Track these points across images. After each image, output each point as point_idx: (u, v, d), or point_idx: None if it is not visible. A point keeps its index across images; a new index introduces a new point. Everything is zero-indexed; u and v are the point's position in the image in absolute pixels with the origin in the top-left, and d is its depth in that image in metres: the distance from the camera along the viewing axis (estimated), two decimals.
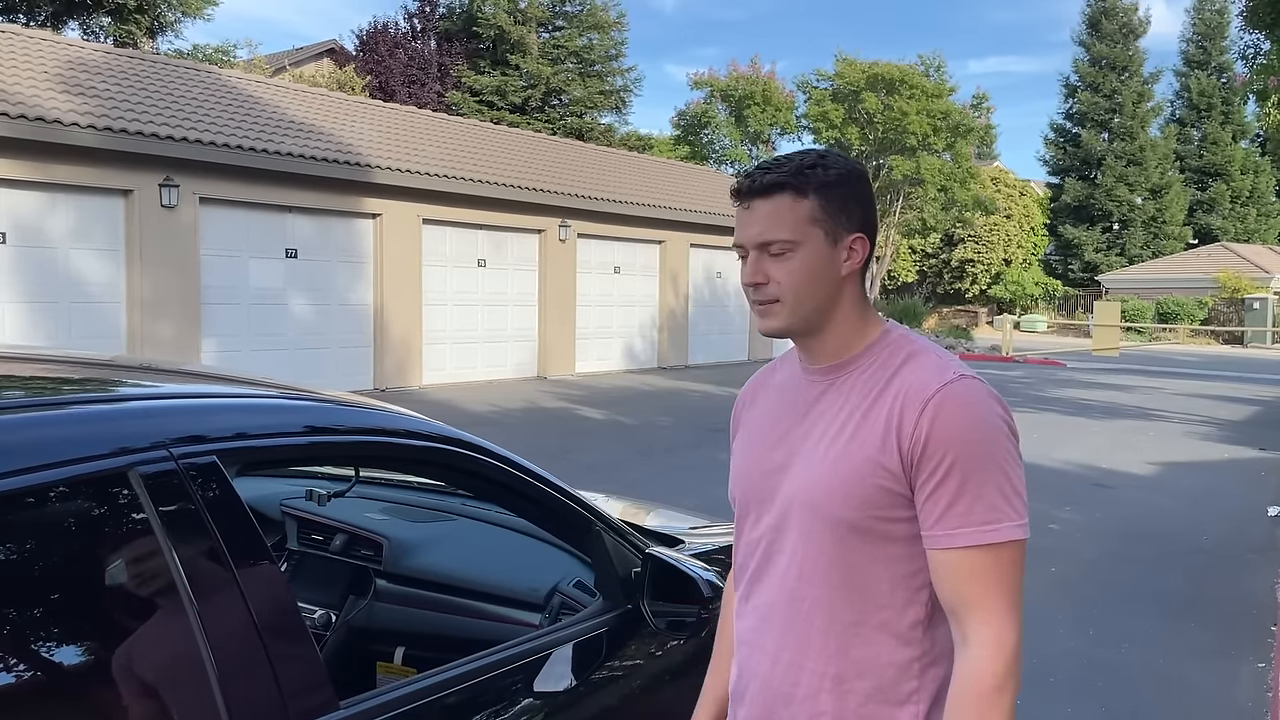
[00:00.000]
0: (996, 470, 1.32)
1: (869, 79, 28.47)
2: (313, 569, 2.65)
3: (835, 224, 1.40)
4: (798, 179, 1.39)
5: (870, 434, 1.37)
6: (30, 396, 1.57)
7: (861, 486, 1.36)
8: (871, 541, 1.37)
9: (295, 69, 29.34)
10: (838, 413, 1.42)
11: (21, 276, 11.07)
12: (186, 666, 1.34)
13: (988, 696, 1.28)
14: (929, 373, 1.37)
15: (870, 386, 1.41)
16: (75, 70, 12.81)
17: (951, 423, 1.32)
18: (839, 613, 1.40)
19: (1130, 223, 42.11)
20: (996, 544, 1.30)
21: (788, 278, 1.40)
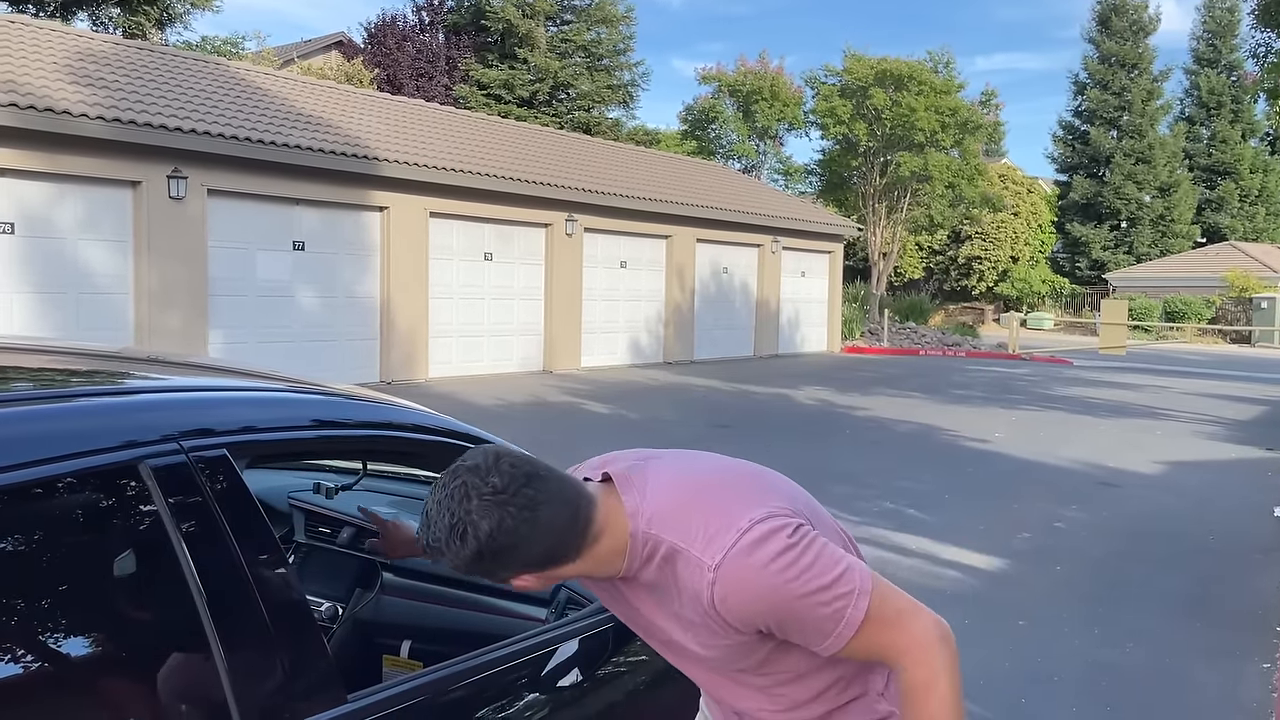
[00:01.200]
0: (805, 601, 1.38)
1: (877, 75, 28.38)
2: (320, 562, 2.66)
3: (490, 576, 1.41)
4: (447, 559, 1.38)
5: (705, 632, 1.46)
6: (41, 389, 1.57)
7: (741, 652, 1.49)
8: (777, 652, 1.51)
9: (303, 61, 29.36)
10: (660, 605, 1.51)
11: (30, 267, 11.10)
12: (195, 658, 1.34)
13: (929, 693, 1.41)
14: (692, 581, 1.41)
15: (664, 591, 1.47)
16: (84, 61, 12.83)
17: (743, 610, 1.39)
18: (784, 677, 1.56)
19: (1138, 221, 41.98)
20: (857, 629, 1.41)
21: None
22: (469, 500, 1.33)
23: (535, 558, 1.37)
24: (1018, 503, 7.79)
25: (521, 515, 1.33)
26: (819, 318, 24.32)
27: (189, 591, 1.35)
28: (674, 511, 1.43)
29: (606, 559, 1.44)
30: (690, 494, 1.45)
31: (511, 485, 1.34)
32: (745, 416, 12.49)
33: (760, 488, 1.48)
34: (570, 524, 1.38)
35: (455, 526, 1.33)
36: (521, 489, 1.34)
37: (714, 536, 1.39)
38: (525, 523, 1.33)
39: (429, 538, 1.37)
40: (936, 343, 26.77)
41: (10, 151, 10.65)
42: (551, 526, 1.36)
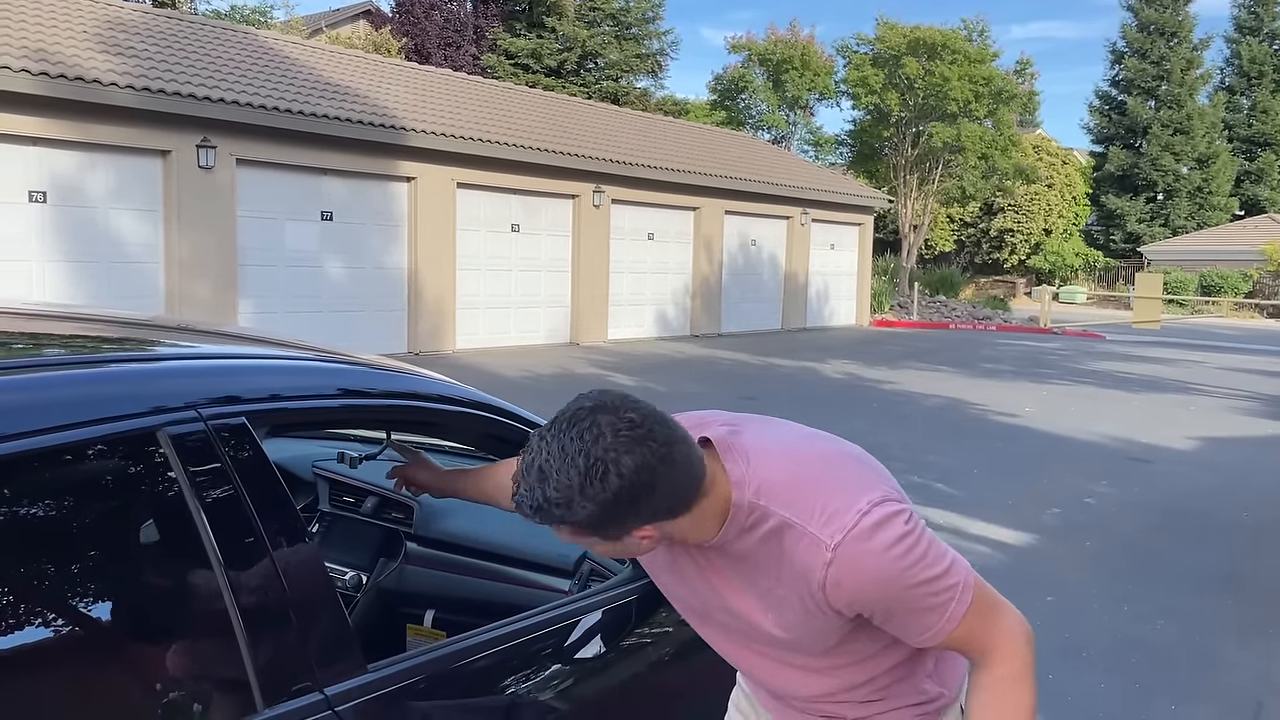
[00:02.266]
0: (916, 591, 1.36)
1: (910, 43, 27.96)
2: (344, 531, 2.66)
3: (607, 533, 1.30)
4: (545, 516, 1.28)
5: (794, 611, 1.42)
6: (62, 355, 1.57)
7: (824, 635, 1.45)
8: (852, 638, 1.49)
9: (332, 30, 29.33)
10: (747, 580, 1.45)
11: (62, 235, 11.21)
12: (213, 626, 1.34)
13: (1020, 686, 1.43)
14: (808, 556, 1.36)
15: (760, 564, 1.42)
16: (114, 30, 12.87)
17: (855, 594, 1.36)
18: (845, 663, 1.54)
19: (1175, 193, 41.25)
20: (959, 621, 1.40)
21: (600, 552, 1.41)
22: (605, 437, 1.23)
23: (664, 504, 1.28)
24: (1047, 478, 7.72)
25: (660, 452, 1.25)
26: (848, 291, 24.14)
27: (207, 559, 1.34)
28: (785, 485, 1.37)
29: (704, 522, 1.37)
30: (801, 468, 1.39)
31: (647, 421, 1.26)
32: (772, 389, 12.44)
33: (867, 468, 1.43)
34: (694, 470, 1.30)
35: (593, 467, 1.22)
36: (656, 425, 1.26)
37: (832, 516, 1.34)
38: (664, 461, 1.25)
39: (546, 492, 1.24)
40: (967, 316, 26.52)
41: (42, 120, 10.72)
42: (684, 469, 1.28)
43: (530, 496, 1.26)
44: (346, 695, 1.45)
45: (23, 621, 1.20)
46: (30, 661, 1.19)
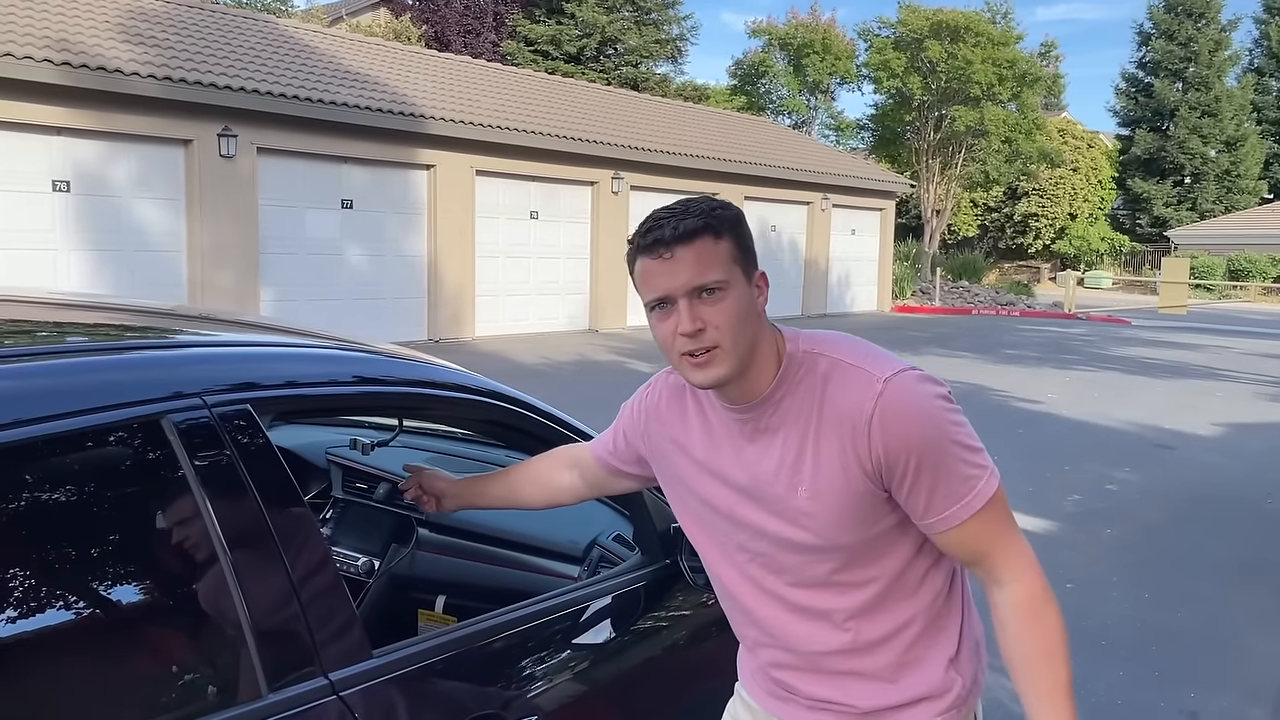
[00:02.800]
0: (954, 447, 1.38)
1: (933, 26, 27.72)
2: (357, 517, 2.67)
3: (747, 262, 1.40)
4: (714, 220, 1.37)
5: (831, 467, 1.40)
6: (69, 343, 1.58)
7: (854, 514, 1.42)
8: (874, 543, 1.46)
9: (352, 19, 29.37)
10: (784, 449, 1.44)
11: (85, 225, 11.31)
12: (218, 610, 1.35)
13: (1043, 617, 1.40)
14: (858, 390, 1.38)
15: (804, 417, 1.42)
16: (136, 20, 12.95)
17: (900, 431, 1.36)
18: (860, 601, 1.49)
19: (1203, 176, 40.71)
20: (984, 505, 1.39)
21: (724, 319, 1.36)
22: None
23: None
24: (1069, 464, 7.66)
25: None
26: (869, 276, 24.01)
27: (211, 545, 1.35)
28: (837, 342, 1.45)
29: (763, 366, 1.42)
30: (852, 340, 1.47)
31: None
32: None
33: None
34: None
35: (709, 201, 1.41)
36: None
37: (882, 361, 1.40)
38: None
39: (700, 206, 1.38)
40: (990, 302, 26.33)
41: (65, 110, 10.81)
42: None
43: (685, 216, 1.36)
44: (351, 680, 1.45)
45: (25, 603, 1.21)
46: (33, 643, 1.20)
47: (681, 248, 1.35)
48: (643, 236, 1.39)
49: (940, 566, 1.52)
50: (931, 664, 1.52)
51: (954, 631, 1.54)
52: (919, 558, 1.49)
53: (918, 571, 1.49)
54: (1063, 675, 1.40)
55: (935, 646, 1.52)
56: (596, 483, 1.85)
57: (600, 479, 1.83)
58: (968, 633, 1.56)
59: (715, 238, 1.36)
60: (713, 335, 1.36)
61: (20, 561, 1.22)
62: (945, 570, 1.53)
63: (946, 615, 1.53)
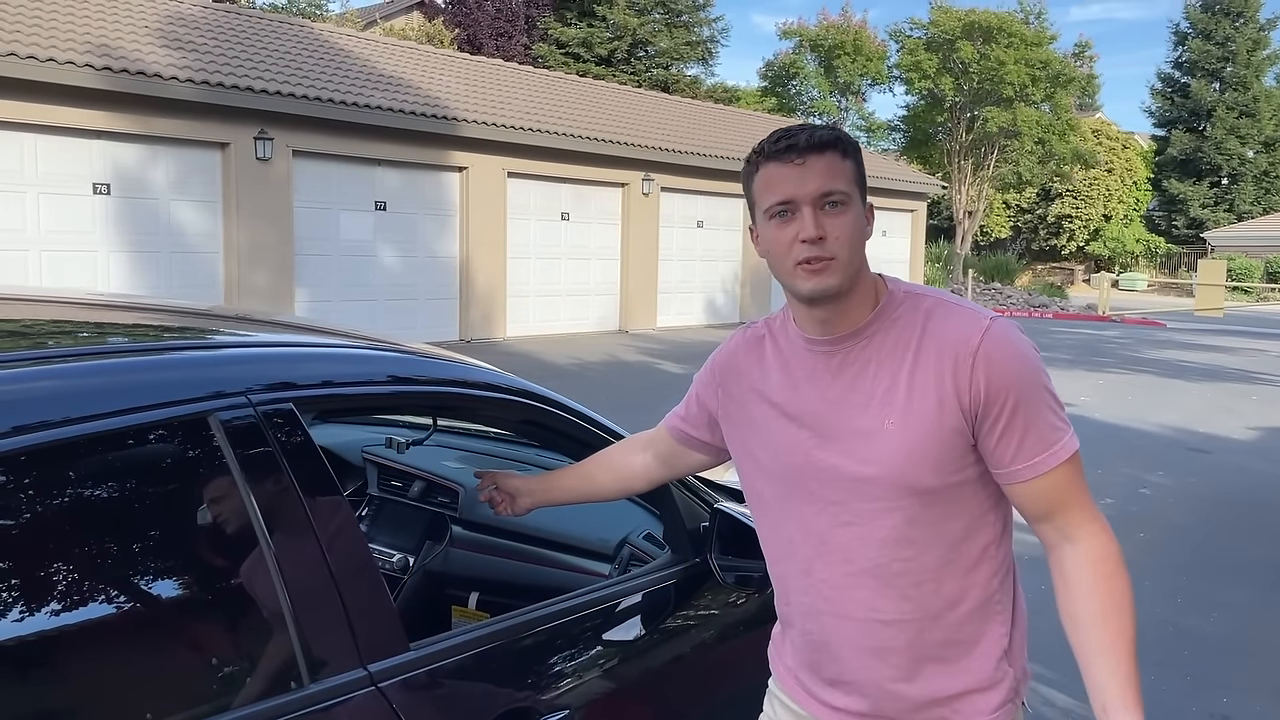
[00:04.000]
0: (1047, 395, 1.42)
1: (965, 27, 27.53)
2: (392, 514, 2.72)
3: (862, 187, 1.46)
4: (844, 139, 1.44)
5: (925, 398, 1.41)
6: (119, 344, 1.63)
7: (937, 452, 1.41)
8: (945, 495, 1.44)
9: (386, 23, 29.63)
10: (874, 382, 1.44)
11: (125, 226, 11.50)
12: (261, 603, 1.39)
13: (1115, 574, 1.42)
14: (964, 324, 1.42)
15: (900, 350, 1.44)
16: (174, 25, 13.15)
17: (1003, 368, 1.39)
18: (926, 563, 1.47)
19: (1240, 177, 40.11)
20: (1069, 457, 1.42)
21: (844, 232, 1.41)
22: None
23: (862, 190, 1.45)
24: (1101, 468, 7.59)
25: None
26: (900, 277, 23.84)
27: (255, 539, 1.39)
28: (940, 291, 1.50)
29: (863, 297, 1.47)
30: (953, 294, 1.52)
31: None
32: None
33: None
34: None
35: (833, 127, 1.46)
36: None
37: (984, 309, 1.45)
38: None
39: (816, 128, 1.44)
40: (1022, 303, 26.10)
41: (105, 114, 11.00)
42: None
43: (818, 130, 1.43)
44: (389, 672, 1.50)
45: (76, 594, 1.26)
46: (82, 633, 1.25)
47: (814, 156, 1.40)
48: (774, 143, 1.43)
49: (1001, 544, 1.51)
50: (984, 650, 1.50)
51: (1007, 619, 1.53)
52: (984, 527, 1.48)
53: (980, 542, 1.48)
54: (1129, 630, 1.40)
55: (988, 631, 1.50)
56: (670, 458, 1.83)
57: (673, 452, 1.82)
58: (1020, 626, 1.56)
59: (844, 155, 1.43)
60: (832, 245, 1.40)
61: (72, 555, 1.27)
62: (1005, 550, 1.53)
63: (1002, 600, 1.52)
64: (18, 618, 1.19)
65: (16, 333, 1.66)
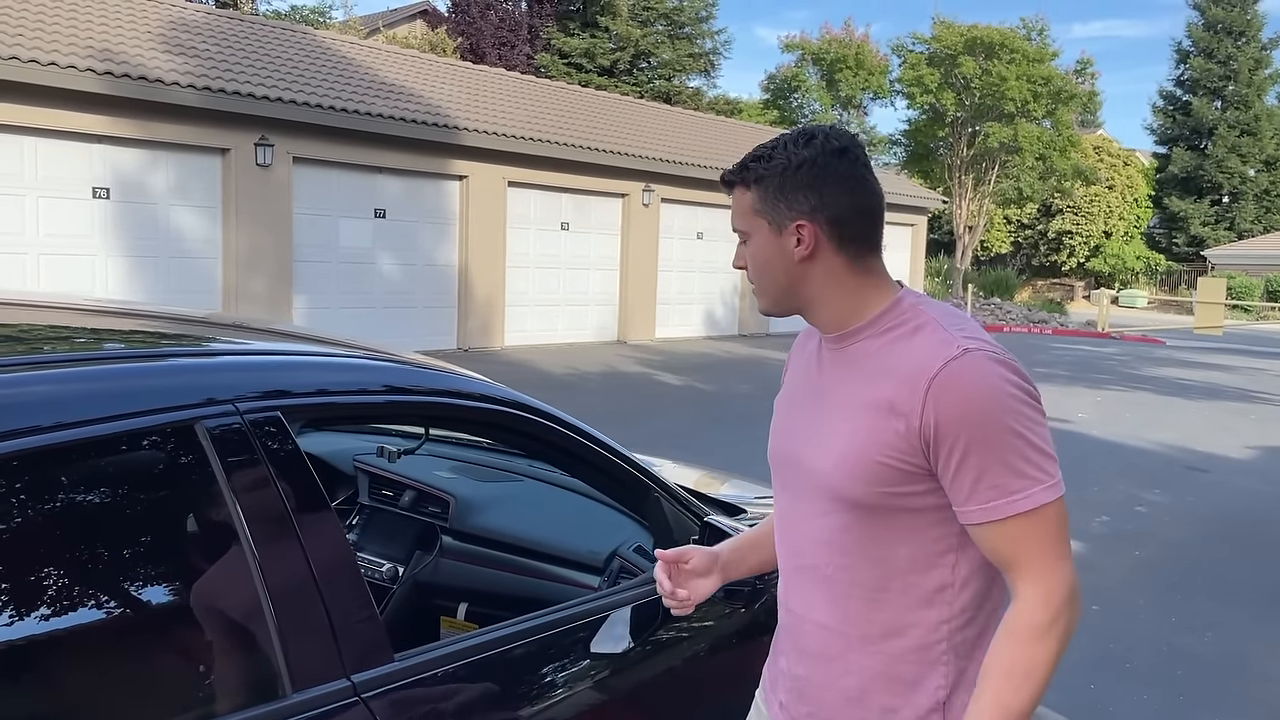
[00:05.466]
0: (1015, 439, 1.32)
1: (967, 42, 27.60)
2: (383, 523, 2.72)
3: (776, 213, 1.44)
4: (740, 174, 1.48)
5: (874, 412, 1.38)
6: (106, 350, 1.63)
7: (866, 464, 1.38)
8: (885, 514, 1.40)
9: (389, 30, 29.70)
10: (846, 385, 1.46)
11: (124, 231, 11.50)
12: (245, 612, 1.39)
13: (1027, 642, 1.32)
14: (932, 349, 1.35)
15: (876, 359, 1.42)
16: (177, 30, 13.18)
17: (957, 403, 1.31)
18: (860, 579, 1.44)
19: (1241, 195, 40.21)
20: (1031, 510, 1.32)
21: (751, 261, 1.50)
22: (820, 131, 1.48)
23: (825, 198, 1.42)
24: (1098, 485, 7.59)
25: (864, 166, 1.46)
26: None
27: (240, 548, 1.39)
28: (946, 309, 1.45)
29: (849, 299, 1.46)
30: (963, 314, 1.48)
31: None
32: None
33: None
34: (874, 222, 1.47)
35: (802, 133, 1.46)
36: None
37: (973, 335, 1.37)
38: (865, 168, 1.46)
39: (748, 156, 1.49)
40: (1022, 319, 26.12)
41: (106, 119, 11.02)
42: (874, 195, 1.47)
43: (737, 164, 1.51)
44: (373, 683, 1.49)
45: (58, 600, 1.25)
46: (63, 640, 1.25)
47: (730, 193, 1.52)
48: None
49: (962, 594, 1.42)
50: (917, 695, 1.43)
51: (951, 673, 1.43)
52: (939, 568, 1.40)
53: (933, 582, 1.41)
54: (1013, 701, 1.30)
55: (926, 677, 1.43)
56: None
57: None
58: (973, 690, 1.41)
59: (742, 190, 1.48)
60: (750, 274, 1.52)
61: (55, 560, 1.26)
62: (968, 603, 1.43)
63: (949, 653, 1.43)
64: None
65: (6, 338, 1.66)
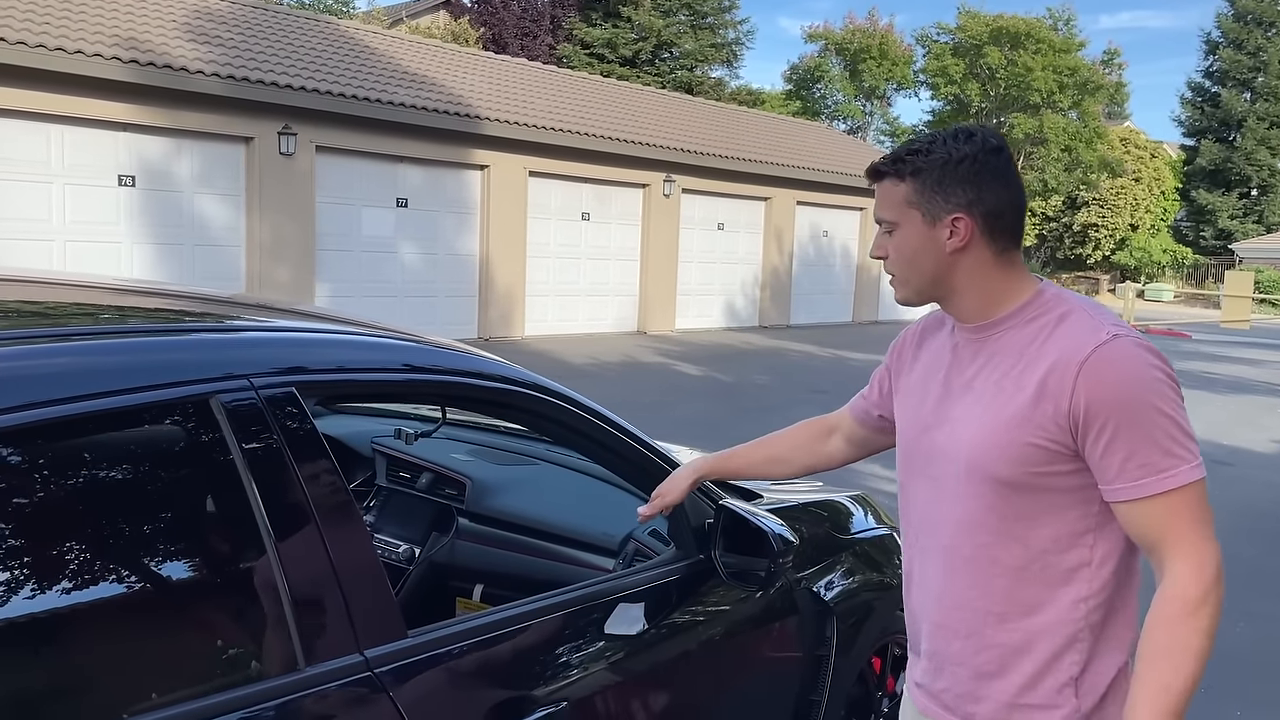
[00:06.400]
0: (1163, 419, 1.38)
1: (992, 32, 27.38)
2: (400, 505, 2.73)
3: (931, 205, 1.49)
4: (895, 166, 1.52)
5: (1023, 395, 1.44)
6: (122, 324, 1.64)
7: (1015, 446, 1.44)
8: (1030, 494, 1.46)
9: (412, 20, 29.77)
10: (990, 372, 1.51)
11: (149, 218, 11.60)
12: (260, 586, 1.39)
13: (1181, 618, 1.36)
14: (1082, 335, 1.42)
15: (1023, 347, 1.48)
16: (203, 19, 13.25)
17: (1108, 385, 1.38)
18: (1000, 558, 1.50)
19: (1271, 188, 39.66)
20: (1179, 487, 1.38)
21: (895, 252, 1.54)
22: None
23: (979, 193, 1.47)
24: None
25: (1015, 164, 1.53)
26: None
27: (255, 523, 1.39)
28: (1089, 301, 1.51)
29: (994, 290, 1.51)
30: (1105, 307, 1.52)
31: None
32: (842, 383, 12.32)
33: None
34: (1021, 218, 1.52)
35: (961, 130, 1.51)
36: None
37: (1119, 324, 1.44)
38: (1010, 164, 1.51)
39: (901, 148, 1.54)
40: None
41: (131, 107, 11.10)
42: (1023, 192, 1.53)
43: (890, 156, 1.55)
44: (386, 658, 1.49)
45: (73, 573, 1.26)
46: (79, 613, 1.25)
47: (876, 184, 1.56)
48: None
49: (1098, 575, 1.47)
50: (1050, 670, 1.48)
51: (1086, 650, 1.48)
52: (1079, 548, 1.46)
53: (1070, 561, 1.46)
54: (1175, 682, 1.34)
55: (1063, 654, 1.48)
56: (856, 438, 1.91)
57: (857, 433, 1.90)
58: (1110, 670, 1.50)
59: (895, 181, 1.52)
60: (890, 265, 1.56)
61: (69, 532, 1.27)
62: (1105, 584, 1.47)
63: (1085, 631, 1.48)
64: (9, 595, 1.19)
65: (22, 311, 1.67)
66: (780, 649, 2.30)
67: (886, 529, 2.82)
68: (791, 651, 2.30)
